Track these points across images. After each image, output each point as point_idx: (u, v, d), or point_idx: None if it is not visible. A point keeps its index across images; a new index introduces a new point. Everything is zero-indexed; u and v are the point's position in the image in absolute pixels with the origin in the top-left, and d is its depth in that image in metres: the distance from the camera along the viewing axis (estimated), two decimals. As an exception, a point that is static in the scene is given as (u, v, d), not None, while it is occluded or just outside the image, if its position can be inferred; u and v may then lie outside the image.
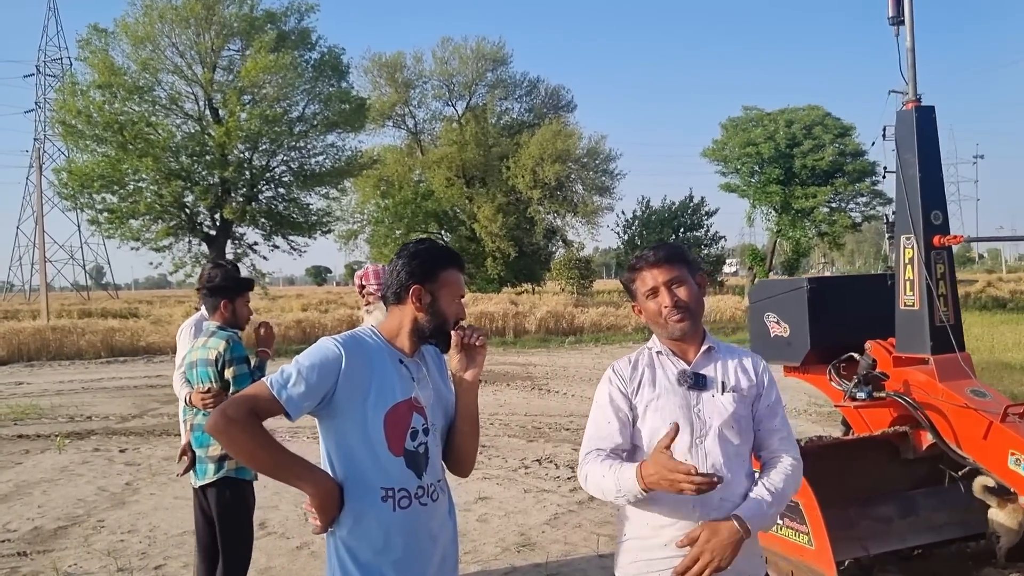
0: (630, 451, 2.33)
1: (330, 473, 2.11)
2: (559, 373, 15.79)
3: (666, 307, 2.28)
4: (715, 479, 2.01)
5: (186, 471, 3.96)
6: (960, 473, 4.54)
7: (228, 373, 3.78)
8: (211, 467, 3.80)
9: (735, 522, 2.17)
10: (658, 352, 2.36)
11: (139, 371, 17.50)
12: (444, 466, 2.29)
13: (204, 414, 3.75)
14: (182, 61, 30.81)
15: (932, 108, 4.70)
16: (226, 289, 3.94)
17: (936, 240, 4.59)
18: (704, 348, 2.34)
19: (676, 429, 2.07)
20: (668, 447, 2.04)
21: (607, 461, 2.23)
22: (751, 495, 2.26)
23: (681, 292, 2.30)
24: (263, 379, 2.06)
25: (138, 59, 29.79)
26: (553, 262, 45.40)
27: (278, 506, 6.41)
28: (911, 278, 4.67)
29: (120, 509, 6.71)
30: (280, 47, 30.18)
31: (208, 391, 3.77)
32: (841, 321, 5.10)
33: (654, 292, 2.31)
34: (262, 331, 4.23)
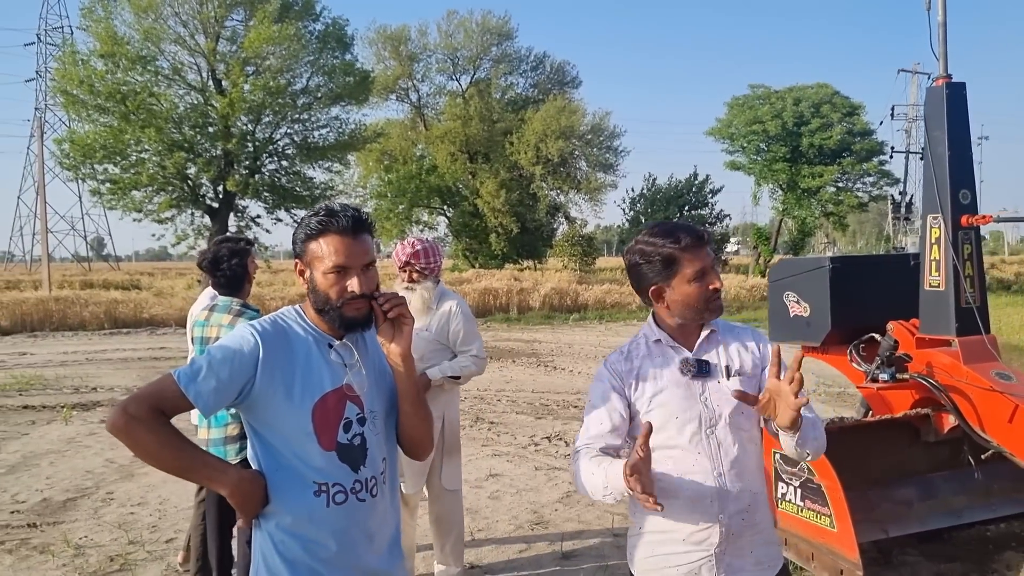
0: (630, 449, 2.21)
1: (258, 464, 1.96)
2: (564, 350, 15.75)
3: (717, 288, 2.17)
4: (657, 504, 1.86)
5: None
6: (984, 457, 4.48)
7: None
8: (231, 449, 3.65)
9: None
10: (656, 340, 2.23)
11: (143, 343, 17.47)
12: (387, 460, 2.07)
13: None
14: (185, 31, 30.44)
15: (963, 85, 4.57)
16: (244, 275, 3.87)
17: (964, 220, 4.49)
18: (706, 332, 2.22)
19: (649, 428, 1.94)
20: (645, 447, 1.89)
21: (597, 458, 2.12)
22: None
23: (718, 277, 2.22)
24: (171, 371, 1.88)
25: (140, 29, 29.45)
26: (556, 239, 45.29)
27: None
28: (937, 258, 4.58)
29: (129, 481, 6.67)
30: (284, 17, 29.80)
31: None
32: (863, 301, 5.03)
33: (703, 274, 2.16)
34: None
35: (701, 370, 2.16)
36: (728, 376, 2.19)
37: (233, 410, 3.55)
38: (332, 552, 1.94)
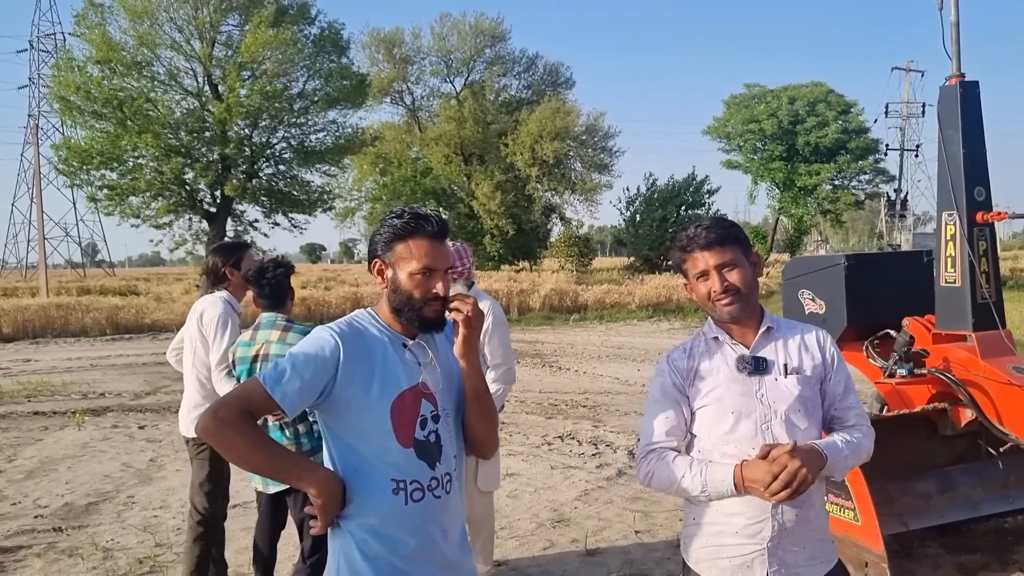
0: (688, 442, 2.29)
1: (334, 467, 2.00)
2: (567, 351, 15.82)
3: (715, 291, 2.21)
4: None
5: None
6: (1001, 449, 4.56)
7: None
8: None
9: (815, 446, 2.13)
10: (714, 338, 2.29)
11: (146, 348, 17.47)
12: (458, 457, 2.13)
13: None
14: (180, 36, 30.45)
15: (976, 83, 4.65)
16: (288, 288, 3.87)
17: (979, 217, 4.57)
18: (763, 328, 2.27)
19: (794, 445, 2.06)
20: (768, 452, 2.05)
21: (680, 460, 2.19)
22: (826, 438, 2.21)
23: (733, 276, 2.21)
24: (256, 375, 1.94)
25: (136, 34, 29.45)
26: (552, 240, 45.34)
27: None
28: (952, 255, 4.66)
29: (148, 485, 6.71)
30: (279, 22, 29.86)
31: None
32: (878, 298, 5.11)
33: (704, 275, 2.24)
34: None
35: (757, 367, 2.20)
36: (786, 374, 2.22)
37: (288, 431, 3.62)
38: (412, 548, 1.98)
